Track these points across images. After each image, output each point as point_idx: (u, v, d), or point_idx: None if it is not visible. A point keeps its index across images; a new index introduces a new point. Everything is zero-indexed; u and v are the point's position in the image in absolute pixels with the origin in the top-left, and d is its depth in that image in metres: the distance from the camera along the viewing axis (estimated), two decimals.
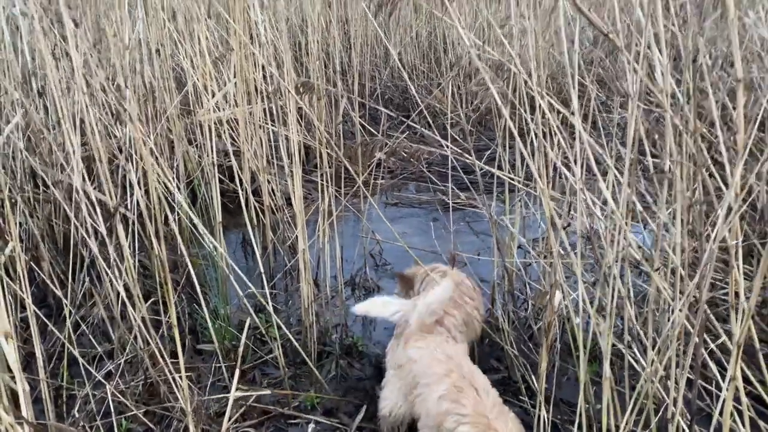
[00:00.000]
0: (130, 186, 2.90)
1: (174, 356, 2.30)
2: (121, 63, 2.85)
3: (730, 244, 1.54)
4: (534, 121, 2.19)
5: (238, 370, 1.86)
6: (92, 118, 2.32)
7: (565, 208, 2.62)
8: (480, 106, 4.95)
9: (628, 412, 1.77)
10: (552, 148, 2.14)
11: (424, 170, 4.65)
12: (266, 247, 3.59)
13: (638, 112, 1.65)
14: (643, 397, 1.80)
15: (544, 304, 1.90)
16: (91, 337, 2.67)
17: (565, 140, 1.99)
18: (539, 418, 1.92)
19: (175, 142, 3.69)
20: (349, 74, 5.60)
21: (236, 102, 3.41)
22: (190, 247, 3.62)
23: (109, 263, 2.42)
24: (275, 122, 3.39)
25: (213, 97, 3.20)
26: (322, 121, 3.85)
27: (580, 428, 1.91)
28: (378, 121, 5.16)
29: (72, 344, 2.43)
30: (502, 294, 2.88)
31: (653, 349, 1.77)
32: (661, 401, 1.81)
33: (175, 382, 2.16)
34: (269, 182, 3.45)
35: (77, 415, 2.39)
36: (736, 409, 1.69)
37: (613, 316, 1.81)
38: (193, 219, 2.66)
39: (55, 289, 2.55)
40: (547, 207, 2.10)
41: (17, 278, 2.22)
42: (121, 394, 2.36)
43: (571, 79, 1.78)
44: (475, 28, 5.64)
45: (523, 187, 2.62)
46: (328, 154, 3.16)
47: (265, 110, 3.61)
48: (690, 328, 1.70)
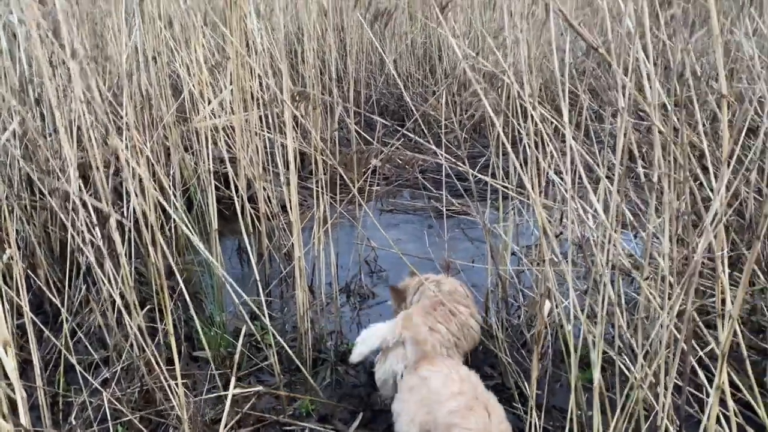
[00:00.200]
0: (127, 193, 2.92)
1: (170, 363, 2.31)
2: (119, 71, 2.87)
3: (716, 255, 1.57)
4: (526, 131, 2.22)
5: (234, 377, 1.88)
6: (89, 126, 2.34)
7: (557, 216, 2.65)
8: (474, 114, 4.99)
9: (618, 419, 1.79)
10: (544, 158, 2.17)
11: (419, 177, 4.68)
12: (262, 254, 3.60)
13: (628, 125, 1.69)
14: (634, 403, 1.83)
15: (536, 312, 1.92)
16: (88, 345, 2.67)
17: (556, 150, 2.03)
18: (531, 424, 1.94)
19: (172, 150, 3.72)
20: (344, 81, 5.64)
21: (232, 109, 3.43)
22: (185, 255, 3.65)
23: (104, 270, 2.43)
24: (271, 129, 3.42)
25: (209, 105, 3.22)
26: (318, 129, 3.88)
27: None
28: (373, 128, 5.19)
29: (69, 351, 2.44)
30: (496, 301, 2.91)
31: (643, 356, 1.80)
32: (651, 407, 1.84)
33: (171, 389, 2.17)
34: (265, 189, 3.46)
35: (74, 422, 2.39)
36: (724, 416, 1.72)
37: (604, 323, 1.84)
38: (186, 229, 2.67)
39: (52, 296, 2.55)
40: (539, 215, 2.13)
41: (14, 285, 2.23)
42: (118, 401, 2.37)
43: (562, 93, 1.81)
44: (470, 38, 5.68)
45: (516, 195, 2.64)
46: (324, 161, 3.19)
47: (261, 117, 3.63)
48: (678, 336, 1.73)
